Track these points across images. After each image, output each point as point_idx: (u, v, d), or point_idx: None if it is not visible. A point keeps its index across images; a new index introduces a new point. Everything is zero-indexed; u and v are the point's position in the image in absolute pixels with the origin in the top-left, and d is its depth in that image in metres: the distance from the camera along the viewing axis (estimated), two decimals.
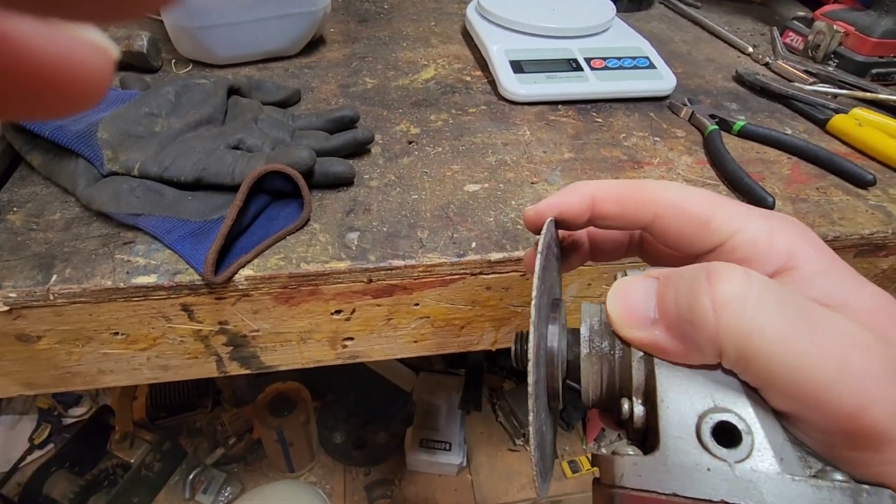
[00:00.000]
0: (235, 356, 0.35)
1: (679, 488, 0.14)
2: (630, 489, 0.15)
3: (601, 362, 0.18)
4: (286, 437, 0.91)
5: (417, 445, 0.99)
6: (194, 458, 1.01)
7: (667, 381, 0.16)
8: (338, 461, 1.02)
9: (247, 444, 1.03)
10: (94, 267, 0.30)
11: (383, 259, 0.31)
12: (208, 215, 0.32)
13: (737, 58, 0.60)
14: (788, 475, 0.14)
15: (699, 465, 0.14)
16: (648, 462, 0.15)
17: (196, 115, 0.37)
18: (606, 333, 0.19)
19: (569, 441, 1.08)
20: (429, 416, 1.04)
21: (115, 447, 0.94)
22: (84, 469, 0.91)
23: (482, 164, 0.40)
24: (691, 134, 0.46)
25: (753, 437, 0.15)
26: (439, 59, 0.55)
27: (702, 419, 0.15)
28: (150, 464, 0.93)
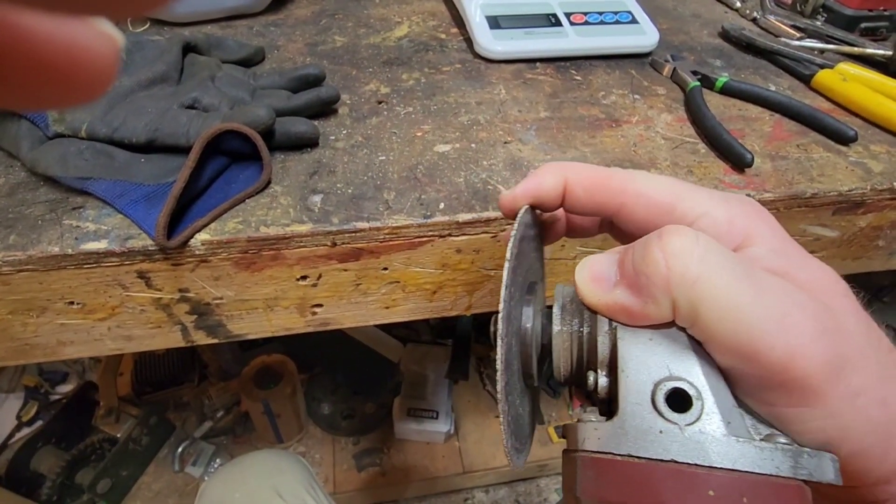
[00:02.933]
0: (201, 325, 0.34)
1: (634, 450, 0.15)
2: (590, 452, 0.16)
3: (571, 339, 0.20)
4: (273, 409, 0.92)
5: (405, 414, 1.00)
6: (182, 431, 1.01)
7: (628, 353, 0.17)
8: (326, 432, 1.03)
9: (234, 417, 1.03)
10: (40, 233, 0.28)
11: (347, 221, 0.30)
12: (162, 178, 0.31)
13: (724, 13, 0.58)
14: (734, 437, 0.15)
15: (653, 429, 0.15)
16: (608, 427, 0.16)
17: (149, 72, 0.34)
18: (577, 311, 0.20)
19: (556, 408, 1.09)
20: (416, 386, 1.05)
21: (101, 422, 0.94)
22: (70, 444, 0.91)
23: (454, 123, 0.38)
24: (673, 91, 0.44)
25: (703, 402, 0.16)
26: (413, 16, 0.52)
27: (657, 387, 0.16)
28: (137, 438, 0.93)
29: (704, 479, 0.14)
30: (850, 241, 0.40)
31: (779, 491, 0.14)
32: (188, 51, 0.39)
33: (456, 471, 1.00)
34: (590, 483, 0.16)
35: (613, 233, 0.24)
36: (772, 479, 0.14)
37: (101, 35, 0.08)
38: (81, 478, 0.88)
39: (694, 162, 0.37)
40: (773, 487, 0.14)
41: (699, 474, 0.14)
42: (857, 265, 0.43)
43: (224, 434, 1.02)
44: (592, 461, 0.16)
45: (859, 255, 0.42)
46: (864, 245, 0.41)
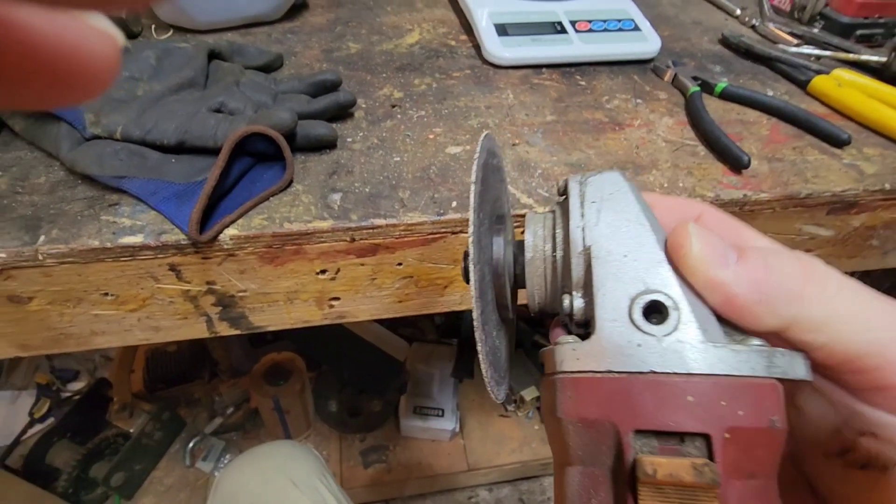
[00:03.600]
0: (224, 317, 0.36)
1: (613, 365, 0.15)
2: (569, 372, 0.16)
3: (545, 264, 0.20)
4: (282, 405, 0.94)
5: (411, 412, 1.02)
6: (193, 427, 1.03)
7: (603, 271, 0.17)
8: (333, 429, 1.05)
9: (244, 414, 1.05)
10: (80, 228, 0.30)
11: (365, 218, 0.32)
12: (192, 177, 0.33)
13: (724, 20, 0.59)
14: (710, 343, 0.15)
15: (631, 343, 0.15)
16: (585, 346, 0.16)
17: (177, 78, 0.37)
18: (549, 237, 0.20)
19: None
20: (422, 385, 1.07)
21: (115, 417, 0.96)
22: (85, 439, 0.93)
23: (464, 126, 0.40)
24: (674, 96, 0.46)
25: (680, 312, 0.16)
26: (424, 24, 0.54)
27: (633, 301, 0.16)
28: (150, 432, 0.95)
29: (683, 386, 0.14)
30: (845, 240, 0.41)
31: (755, 391, 0.15)
32: (213, 57, 0.41)
33: (460, 468, 1.02)
34: (570, 402, 0.16)
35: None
36: (748, 380, 0.15)
37: (101, 34, 0.08)
38: (96, 471, 0.90)
39: (693, 164, 0.38)
40: (749, 388, 0.15)
41: (678, 382, 0.15)
42: (853, 264, 0.44)
43: (234, 430, 1.04)
44: (572, 381, 0.16)
45: (854, 254, 0.43)
46: (859, 244, 0.42)
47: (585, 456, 0.16)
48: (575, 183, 0.19)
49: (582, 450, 0.16)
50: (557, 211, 0.20)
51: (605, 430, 0.15)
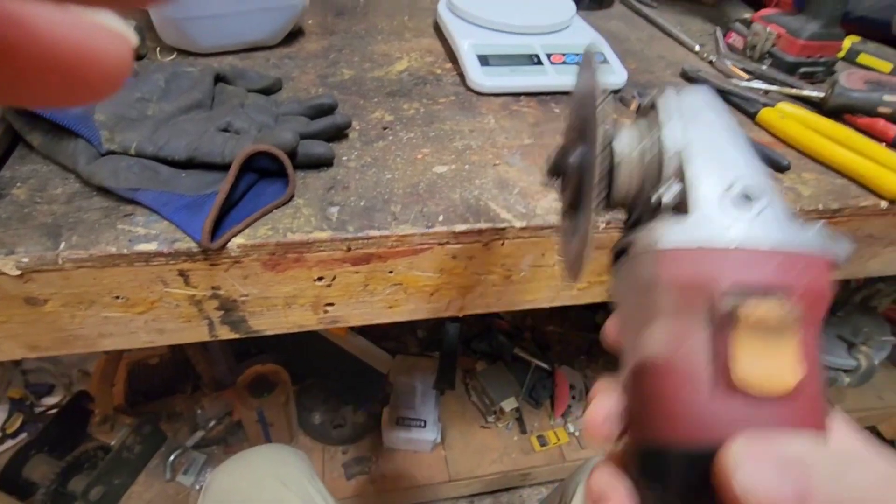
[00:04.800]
0: (226, 320, 0.39)
1: (705, 242, 0.18)
2: (664, 249, 0.18)
3: (635, 161, 0.22)
4: (266, 416, 0.95)
5: (394, 424, 1.04)
6: (174, 440, 1.03)
7: (701, 162, 0.20)
8: (316, 440, 1.06)
9: (226, 427, 1.05)
10: (98, 235, 0.33)
11: (361, 229, 0.36)
12: (201, 190, 0.36)
13: (685, 55, 0.65)
14: (787, 224, 0.18)
15: (723, 223, 0.18)
16: (681, 225, 0.19)
17: (186, 99, 0.40)
18: (638, 138, 0.22)
19: (537, 418, 1.14)
20: (405, 396, 1.09)
21: (96, 430, 0.96)
22: (63, 452, 0.92)
23: (450, 148, 0.44)
24: None
25: (764, 200, 0.19)
26: (412, 52, 0.59)
27: (727, 188, 0.19)
28: (130, 446, 0.95)
29: (768, 255, 0.17)
30: None
31: (818, 262, 0.18)
32: (217, 80, 0.44)
33: (442, 479, 1.04)
34: (667, 270, 0.18)
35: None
36: (812, 254, 0.18)
37: (114, 35, 0.08)
38: (74, 485, 0.89)
39: None
40: (815, 260, 0.18)
41: (764, 252, 0.17)
42: None
43: (216, 443, 1.04)
44: (669, 253, 0.18)
45: None
46: None
47: (676, 312, 0.18)
48: (671, 95, 0.22)
49: (673, 307, 0.18)
50: (643, 122, 0.23)
51: (698, 290, 0.18)
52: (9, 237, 0.32)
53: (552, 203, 0.40)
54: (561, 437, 1.11)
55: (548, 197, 0.40)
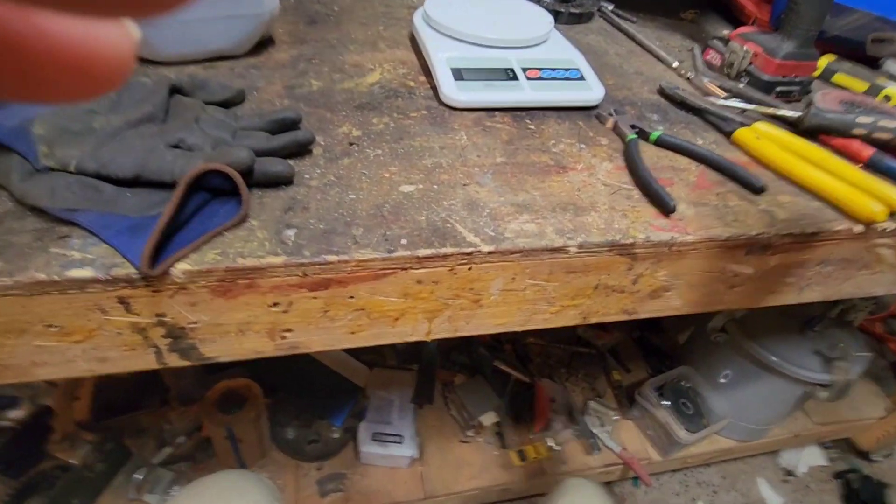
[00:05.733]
0: (174, 348, 0.37)
1: None
2: None
3: None
4: (235, 433, 0.91)
5: (370, 439, 1.01)
6: (140, 457, 0.99)
7: None
8: (290, 456, 1.03)
9: (195, 443, 1.01)
10: (27, 260, 0.30)
11: (318, 254, 0.33)
12: (146, 211, 0.33)
13: (663, 71, 0.65)
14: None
15: None
16: None
17: (137, 112, 0.37)
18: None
19: (517, 432, 1.12)
20: (381, 411, 1.06)
21: (56, 448, 0.91)
22: (20, 472, 0.88)
23: (419, 166, 0.43)
24: (614, 142, 0.50)
25: None
26: (385, 64, 0.57)
27: None
28: (91, 464, 0.90)
29: None
30: (764, 277, 0.45)
31: None
32: (174, 92, 0.42)
33: (418, 496, 1.01)
34: None
35: None
36: None
37: (118, 29, 0.08)
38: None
39: (628, 206, 0.42)
40: None
41: None
42: (773, 299, 0.49)
43: (184, 460, 1.00)
44: None
45: (774, 289, 0.48)
46: (777, 281, 0.47)
47: None
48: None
49: None
50: None
51: None
52: None
53: (523, 225, 0.38)
54: (541, 452, 1.10)
55: (519, 218, 0.39)
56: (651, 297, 0.44)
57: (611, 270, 0.40)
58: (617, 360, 1.26)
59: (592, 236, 0.38)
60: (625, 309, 0.45)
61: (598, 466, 1.11)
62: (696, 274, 0.43)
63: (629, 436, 1.16)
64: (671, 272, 0.42)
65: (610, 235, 0.38)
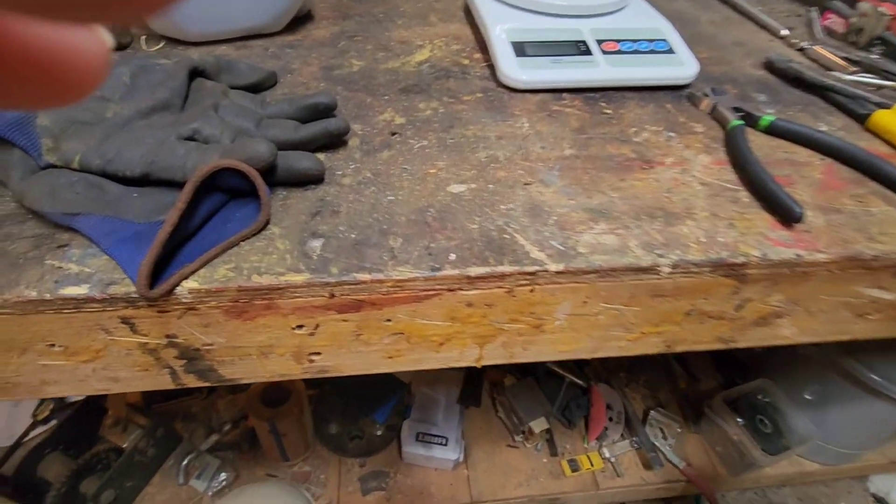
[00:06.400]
0: (191, 369, 0.32)
1: None
2: None
3: None
4: (279, 428, 0.90)
5: (413, 439, 0.97)
6: (189, 443, 1.00)
7: None
8: (333, 451, 1.01)
9: (242, 431, 1.02)
10: (19, 274, 0.26)
11: (347, 272, 0.28)
12: (154, 216, 0.29)
13: (769, 42, 0.54)
14: None
15: None
16: None
17: (150, 100, 0.33)
18: None
19: (570, 440, 1.05)
20: (426, 410, 1.02)
21: (108, 432, 0.94)
22: (78, 452, 0.91)
23: (471, 160, 0.36)
24: (711, 129, 0.41)
25: None
26: (436, 40, 0.50)
27: None
28: (143, 449, 0.92)
29: None
30: None
31: None
32: (196, 75, 0.37)
33: (463, 500, 0.97)
34: None
35: None
36: None
37: (89, 34, 0.08)
38: (86, 487, 0.87)
39: (735, 213, 0.33)
40: None
41: None
42: None
43: (230, 448, 1.00)
44: None
45: None
46: None
47: None
48: None
49: None
50: None
51: None
52: None
53: (599, 237, 0.31)
54: (595, 463, 1.02)
55: (594, 228, 0.31)
56: (756, 325, 0.36)
57: (710, 294, 0.32)
58: (683, 367, 1.15)
59: (690, 253, 0.30)
60: (720, 337, 0.36)
61: (658, 482, 1.02)
62: (820, 299, 0.34)
63: (694, 451, 1.05)
64: (789, 296, 0.33)
65: (713, 252, 0.30)
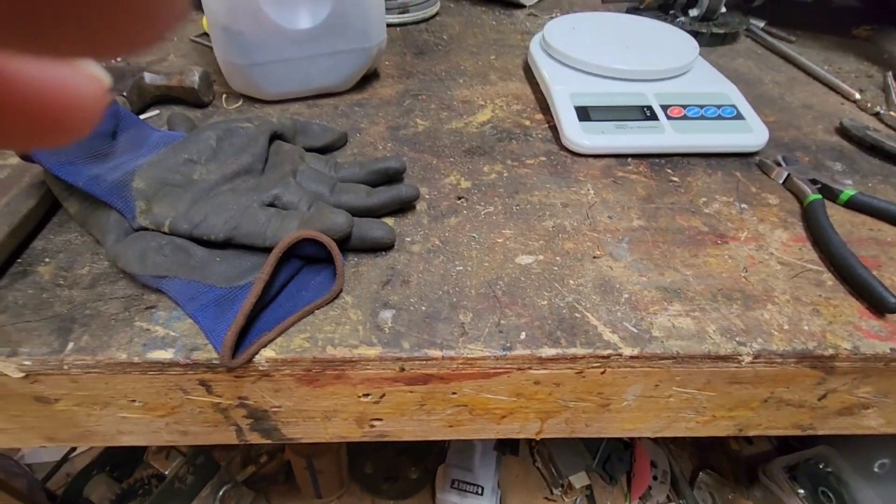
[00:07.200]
0: (256, 427, 0.33)
1: None
2: None
3: None
4: (315, 465, 0.90)
5: (448, 486, 0.95)
6: (227, 472, 1.01)
7: None
8: (366, 492, 0.99)
9: (278, 464, 1.02)
10: (111, 335, 0.28)
11: (419, 348, 0.28)
12: (235, 280, 0.30)
13: (840, 105, 0.52)
14: None
15: None
16: None
17: (234, 164, 0.35)
18: None
19: (611, 497, 1.00)
20: (463, 455, 0.99)
21: (152, 458, 0.96)
22: (123, 475, 0.93)
23: (538, 229, 0.36)
24: (786, 201, 0.39)
25: None
26: (497, 99, 0.51)
27: None
28: (183, 476, 0.93)
29: None
30: None
31: None
32: (275, 138, 0.39)
33: None
34: None
35: None
36: None
37: (87, 76, 0.08)
38: None
39: (820, 298, 0.31)
40: None
41: None
42: None
43: (266, 481, 1.00)
44: None
45: None
46: None
47: None
48: None
49: None
50: None
51: None
52: (17, 332, 0.28)
53: (675, 319, 0.30)
54: None
55: (668, 309, 0.30)
56: (840, 415, 0.33)
57: (792, 384, 0.30)
58: None
59: (773, 342, 0.29)
60: (798, 424, 0.34)
61: None
62: None
63: None
64: (879, 389, 0.31)
65: (799, 342, 0.29)
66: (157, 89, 0.46)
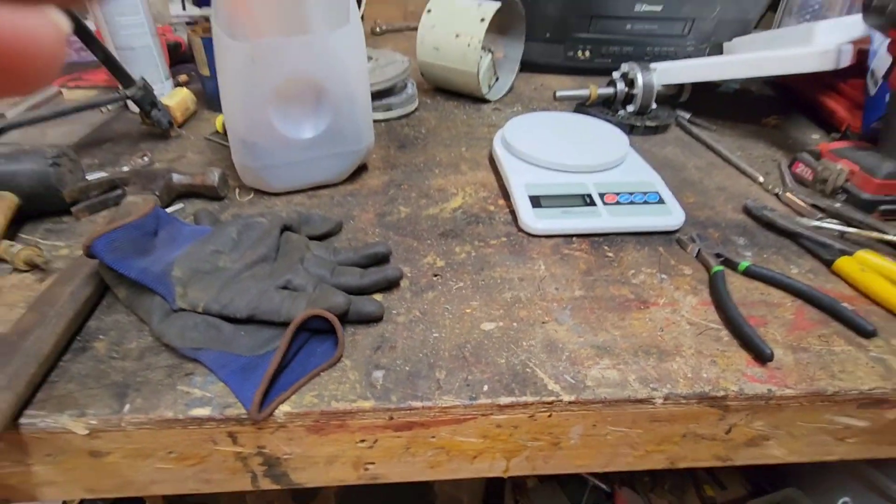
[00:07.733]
0: (268, 474, 0.39)
1: None
2: None
3: None
4: None
5: None
6: None
7: None
8: None
9: None
10: (159, 398, 0.35)
11: (404, 400, 0.35)
12: (257, 350, 0.37)
13: (748, 186, 0.64)
14: None
15: None
16: None
17: (253, 255, 0.43)
18: None
19: None
20: None
21: None
22: None
23: (499, 300, 0.44)
24: (698, 272, 0.49)
25: None
26: (467, 187, 0.61)
27: None
28: None
29: None
30: (882, 430, 0.41)
31: None
32: (285, 229, 0.48)
33: None
34: None
35: None
36: None
37: (47, 23, 0.08)
38: None
39: (717, 351, 0.40)
40: None
41: None
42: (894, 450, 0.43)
43: None
44: None
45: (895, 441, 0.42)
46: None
47: None
48: None
49: None
50: None
51: None
52: (83, 397, 0.35)
53: (604, 372, 0.38)
54: None
55: (599, 363, 0.39)
56: (747, 445, 0.41)
57: (700, 421, 0.38)
58: (709, 473, 1.14)
59: (679, 387, 0.37)
60: (717, 455, 0.42)
61: None
62: (798, 425, 0.40)
63: None
64: (769, 423, 0.39)
65: (698, 387, 0.37)
66: (183, 187, 0.55)
